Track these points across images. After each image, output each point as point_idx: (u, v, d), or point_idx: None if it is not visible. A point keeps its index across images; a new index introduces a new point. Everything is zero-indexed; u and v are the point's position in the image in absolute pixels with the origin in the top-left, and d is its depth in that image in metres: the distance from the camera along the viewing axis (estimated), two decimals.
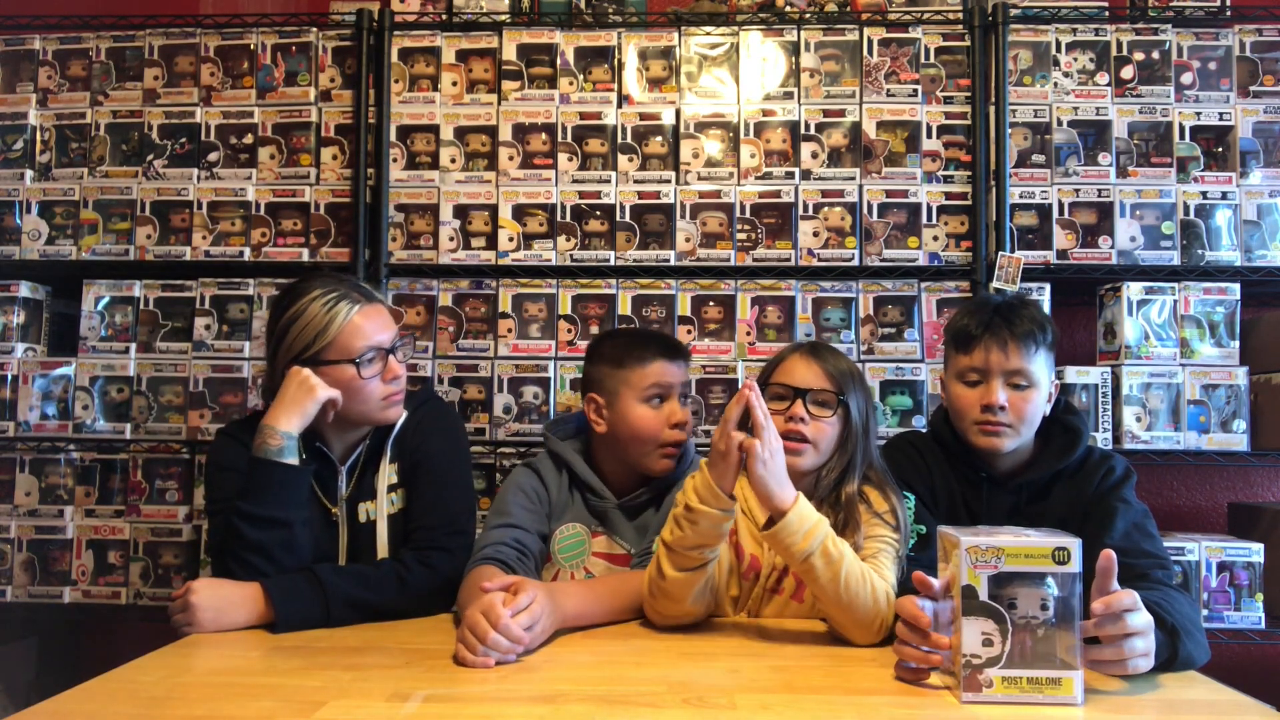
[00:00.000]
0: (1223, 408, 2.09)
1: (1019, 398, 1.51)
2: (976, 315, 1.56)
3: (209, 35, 2.28)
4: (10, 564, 2.14)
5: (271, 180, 2.24)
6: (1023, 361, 1.50)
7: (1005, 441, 1.53)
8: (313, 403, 1.49)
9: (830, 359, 1.52)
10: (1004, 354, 1.51)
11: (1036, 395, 1.52)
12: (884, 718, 1.03)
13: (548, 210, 2.20)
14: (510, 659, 1.20)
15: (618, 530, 1.66)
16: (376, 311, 1.59)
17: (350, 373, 1.52)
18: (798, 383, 1.48)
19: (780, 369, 1.53)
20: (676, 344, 1.74)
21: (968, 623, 1.05)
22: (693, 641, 1.35)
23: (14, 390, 2.18)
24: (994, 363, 1.52)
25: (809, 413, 1.46)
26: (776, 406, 1.48)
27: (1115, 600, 1.08)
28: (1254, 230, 2.16)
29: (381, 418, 1.59)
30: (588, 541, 1.66)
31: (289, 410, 1.49)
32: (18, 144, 2.27)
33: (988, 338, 1.52)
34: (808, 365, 1.50)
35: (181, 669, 1.21)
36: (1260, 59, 2.19)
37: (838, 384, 1.49)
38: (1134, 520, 1.45)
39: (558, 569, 1.64)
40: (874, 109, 2.19)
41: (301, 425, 1.50)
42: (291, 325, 1.53)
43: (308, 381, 1.50)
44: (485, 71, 2.25)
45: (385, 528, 1.60)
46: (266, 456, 1.47)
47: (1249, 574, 2.05)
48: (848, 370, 1.51)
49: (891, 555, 1.39)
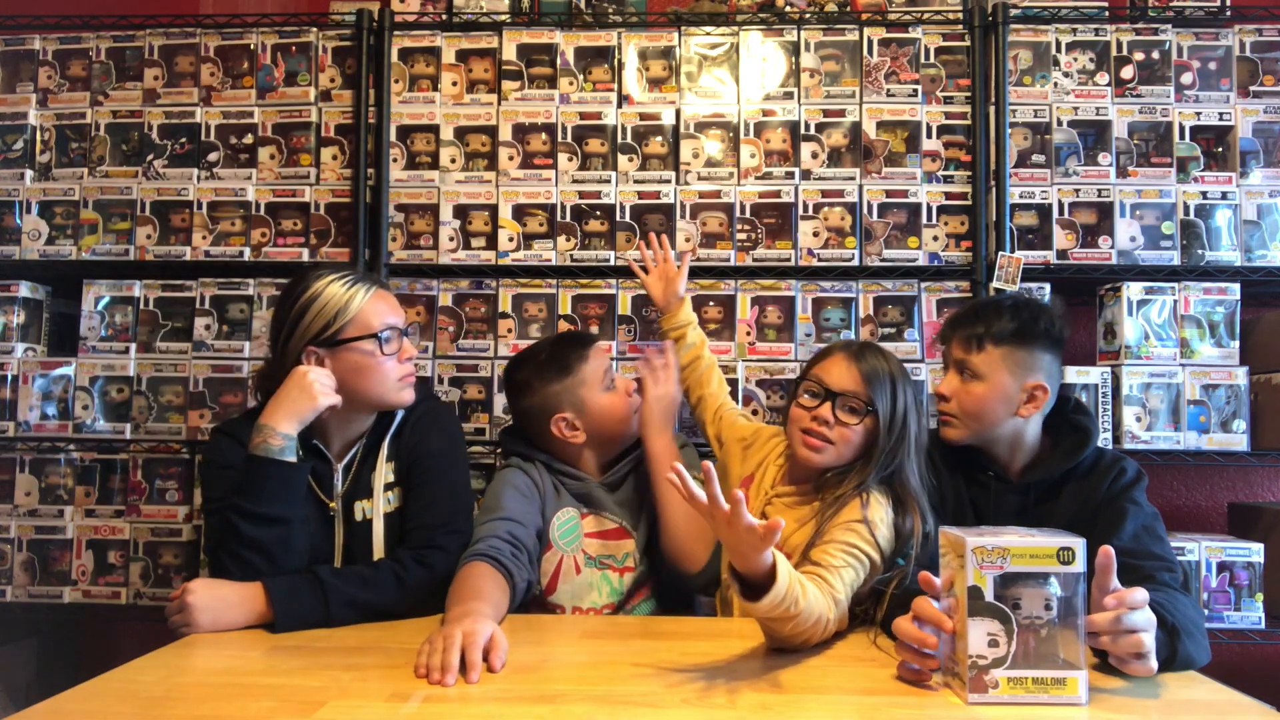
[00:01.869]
0: (1223, 408, 2.09)
1: (962, 389, 1.57)
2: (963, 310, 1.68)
3: (209, 35, 2.28)
4: (10, 564, 2.14)
5: (271, 180, 2.24)
6: (965, 354, 1.57)
7: (951, 431, 1.60)
8: (311, 409, 1.50)
9: (870, 361, 1.51)
10: (961, 346, 1.59)
11: (980, 389, 1.55)
12: (885, 718, 1.03)
13: (548, 210, 2.20)
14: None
15: (605, 507, 1.71)
16: (390, 296, 1.65)
17: (371, 348, 1.55)
18: (832, 384, 1.50)
19: (822, 364, 1.55)
20: (583, 333, 1.99)
21: (973, 624, 1.05)
22: (693, 641, 1.35)
23: (14, 390, 2.18)
24: (953, 353, 1.61)
25: (836, 416, 1.47)
26: (807, 401, 1.50)
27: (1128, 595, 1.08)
28: (1254, 230, 2.16)
29: (396, 399, 1.60)
30: (580, 525, 1.70)
31: (288, 412, 1.49)
32: (18, 144, 2.27)
33: (955, 332, 1.62)
34: (847, 366, 1.51)
35: (181, 669, 1.20)
36: (1260, 59, 2.19)
37: (870, 390, 1.48)
38: (1143, 523, 1.46)
39: (560, 555, 1.67)
40: (874, 109, 2.19)
41: (299, 427, 1.50)
42: (310, 306, 1.55)
43: (310, 387, 1.50)
44: (485, 71, 2.25)
45: (381, 526, 1.59)
46: (265, 455, 1.47)
47: (1249, 574, 2.04)
48: (886, 376, 1.50)
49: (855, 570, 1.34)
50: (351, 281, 1.58)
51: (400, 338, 1.60)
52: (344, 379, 1.55)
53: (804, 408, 1.50)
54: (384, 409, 1.62)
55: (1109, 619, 1.08)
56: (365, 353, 1.55)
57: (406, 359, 1.61)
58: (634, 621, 1.63)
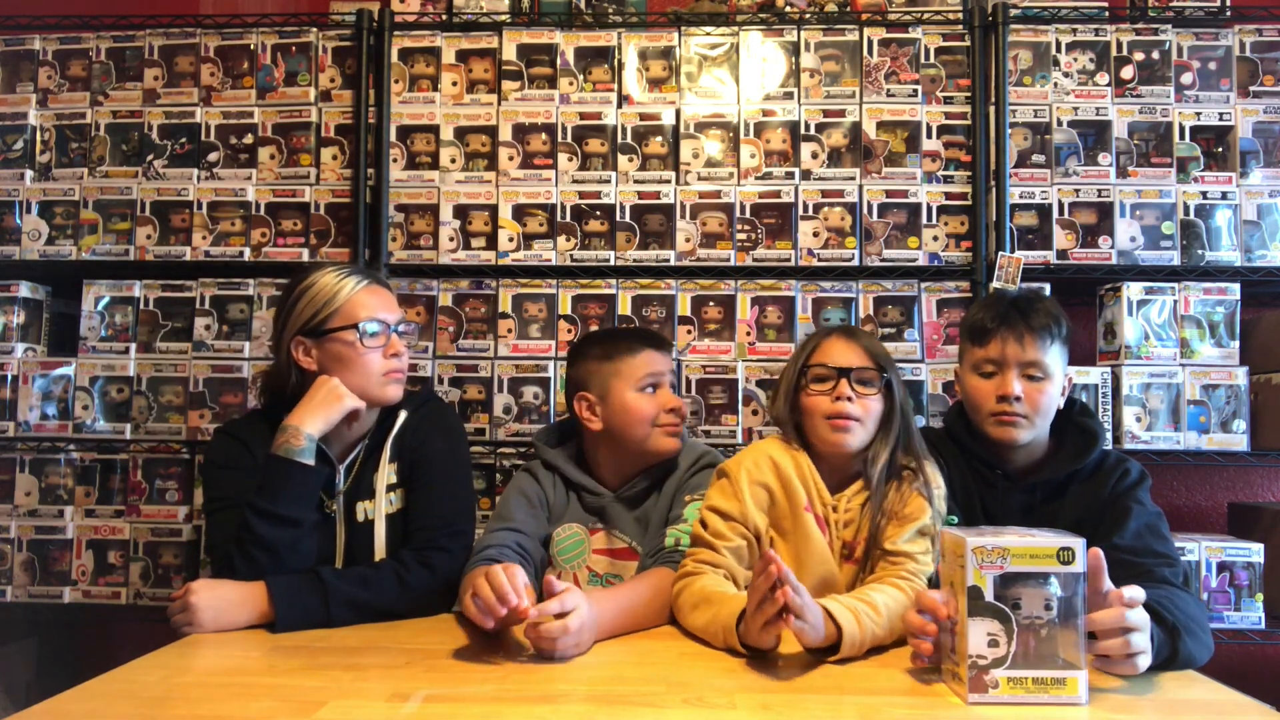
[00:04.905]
0: (1223, 408, 2.09)
1: (1034, 389, 1.53)
2: (993, 308, 1.59)
3: (209, 35, 2.28)
4: (10, 564, 2.14)
5: (271, 180, 2.24)
6: (1038, 353, 1.53)
7: (1020, 433, 1.54)
8: (339, 410, 1.52)
9: (865, 337, 1.55)
10: (1020, 345, 1.53)
11: (1050, 387, 1.54)
12: (885, 718, 1.03)
13: (548, 210, 2.20)
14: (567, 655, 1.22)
15: (617, 524, 1.66)
16: (384, 292, 1.64)
17: (352, 339, 1.55)
18: (840, 363, 1.49)
19: (819, 351, 1.53)
20: (658, 335, 1.80)
21: (973, 624, 1.05)
22: (693, 642, 1.34)
23: (14, 390, 2.18)
24: (1010, 354, 1.54)
25: (855, 391, 1.47)
26: (820, 388, 1.49)
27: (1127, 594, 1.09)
28: (1254, 230, 2.16)
29: (380, 394, 1.59)
30: (586, 540, 1.66)
31: (315, 414, 1.51)
32: (18, 144, 2.27)
33: (1004, 330, 1.55)
34: (847, 345, 1.52)
35: (181, 669, 1.20)
36: (1260, 59, 2.19)
37: (878, 362, 1.51)
38: (1146, 521, 1.47)
39: (559, 571, 1.64)
40: (874, 109, 2.19)
41: (324, 430, 1.52)
42: (303, 296, 1.58)
43: (336, 390, 1.52)
44: (485, 72, 2.25)
45: (383, 527, 1.59)
46: (288, 455, 1.47)
47: (1249, 574, 2.04)
48: (883, 349, 1.55)
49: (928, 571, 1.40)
50: (345, 274, 1.60)
51: (388, 332, 1.59)
52: (327, 370, 1.56)
53: (819, 394, 1.49)
54: (370, 403, 1.60)
55: (1111, 616, 1.08)
56: (347, 343, 1.55)
57: (393, 355, 1.59)
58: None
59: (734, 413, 2.13)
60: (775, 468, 1.51)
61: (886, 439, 1.50)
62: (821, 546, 1.46)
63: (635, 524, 1.66)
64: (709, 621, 1.31)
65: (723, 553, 1.45)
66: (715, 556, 1.44)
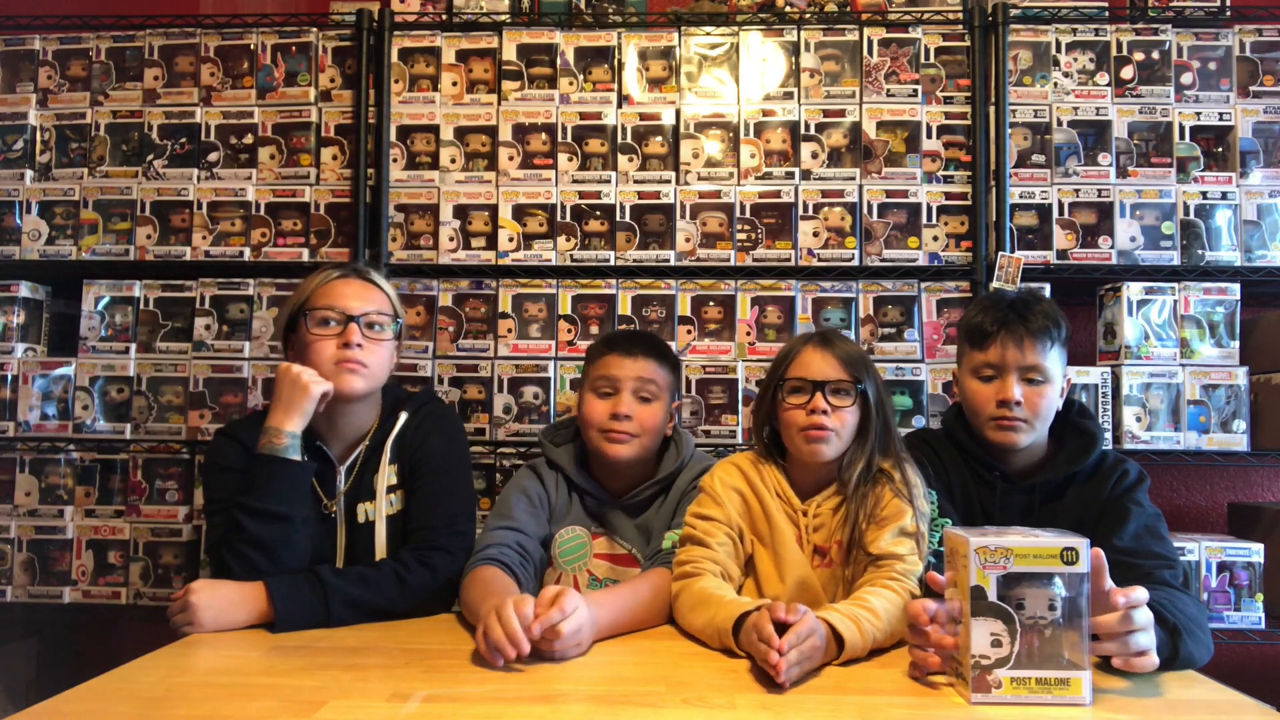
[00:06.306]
0: (1223, 408, 2.09)
1: (1034, 393, 1.53)
2: (991, 311, 1.57)
3: (209, 35, 2.28)
4: (10, 564, 2.14)
5: (271, 180, 2.24)
6: (1037, 357, 1.52)
7: (1021, 436, 1.54)
8: (308, 399, 1.51)
9: (841, 346, 1.52)
10: (1019, 350, 1.52)
11: (1050, 390, 1.54)
12: (885, 718, 1.03)
13: (548, 210, 2.20)
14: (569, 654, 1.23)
15: (618, 530, 1.66)
16: (355, 283, 1.62)
17: (307, 326, 1.57)
18: (815, 375, 1.48)
19: (795, 363, 1.52)
20: (645, 343, 1.71)
21: (976, 623, 1.05)
22: (692, 642, 1.34)
23: (14, 390, 2.18)
24: (1009, 359, 1.53)
25: (829, 404, 1.47)
26: (796, 400, 1.48)
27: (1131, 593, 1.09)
28: (1254, 230, 2.16)
29: (334, 383, 1.54)
30: (589, 544, 1.66)
31: (287, 409, 1.51)
32: (18, 144, 2.27)
33: (1003, 334, 1.54)
34: (822, 356, 1.50)
35: (181, 669, 1.20)
36: (1260, 59, 2.20)
37: (853, 372, 1.49)
38: (1145, 522, 1.46)
39: (560, 573, 1.64)
40: (874, 109, 2.19)
41: (303, 423, 1.51)
42: (291, 295, 1.64)
43: (299, 379, 1.51)
44: (485, 72, 2.25)
45: (384, 529, 1.59)
46: (270, 453, 1.48)
47: (1249, 574, 2.05)
48: (859, 356, 1.52)
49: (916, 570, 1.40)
50: (325, 270, 1.63)
51: (345, 321, 1.56)
52: (298, 360, 1.58)
53: (795, 406, 1.48)
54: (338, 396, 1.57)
55: (1116, 618, 1.08)
56: (304, 331, 1.58)
57: (344, 344, 1.54)
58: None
59: (734, 413, 2.13)
60: (744, 477, 1.53)
61: (863, 446, 1.49)
62: (796, 551, 1.47)
63: (636, 531, 1.66)
64: (706, 624, 1.31)
65: (715, 548, 1.46)
66: (709, 553, 1.45)
